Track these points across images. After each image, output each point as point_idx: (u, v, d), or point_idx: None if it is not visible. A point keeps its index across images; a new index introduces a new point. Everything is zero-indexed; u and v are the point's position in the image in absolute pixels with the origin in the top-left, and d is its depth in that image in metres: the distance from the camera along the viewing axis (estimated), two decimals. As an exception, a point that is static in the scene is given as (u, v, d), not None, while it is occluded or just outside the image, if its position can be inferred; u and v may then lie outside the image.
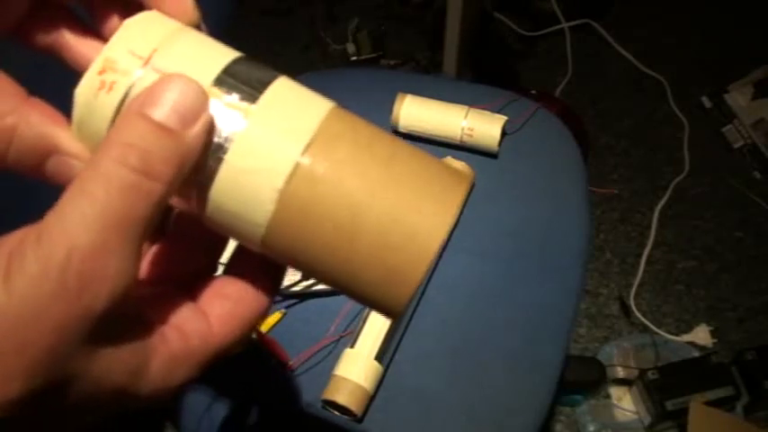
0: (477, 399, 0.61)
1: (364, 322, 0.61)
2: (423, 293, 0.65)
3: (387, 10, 1.60)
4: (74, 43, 0.29)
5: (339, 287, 0.25)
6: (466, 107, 0.72)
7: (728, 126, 1.42)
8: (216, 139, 0.23)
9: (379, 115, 0.75)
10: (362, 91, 0.81)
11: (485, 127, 0.71)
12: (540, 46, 1.56)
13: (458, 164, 0.68)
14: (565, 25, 1.50)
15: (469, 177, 0.25)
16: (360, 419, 0.59)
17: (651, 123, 1.45)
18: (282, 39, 1.59)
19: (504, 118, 0.72)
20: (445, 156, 0.70)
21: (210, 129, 0.22)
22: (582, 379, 1.06)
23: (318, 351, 0.62)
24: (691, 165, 1.37)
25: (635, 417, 1.08)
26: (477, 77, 1.38)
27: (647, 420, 1.06)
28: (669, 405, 1.02)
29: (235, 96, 0.23)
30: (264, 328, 0.63)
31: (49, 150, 0.24)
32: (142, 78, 0.23)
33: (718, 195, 1.34)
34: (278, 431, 0.62)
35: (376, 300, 0.25)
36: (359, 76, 0.86)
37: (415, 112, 0.73)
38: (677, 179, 1.35)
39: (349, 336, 0.62)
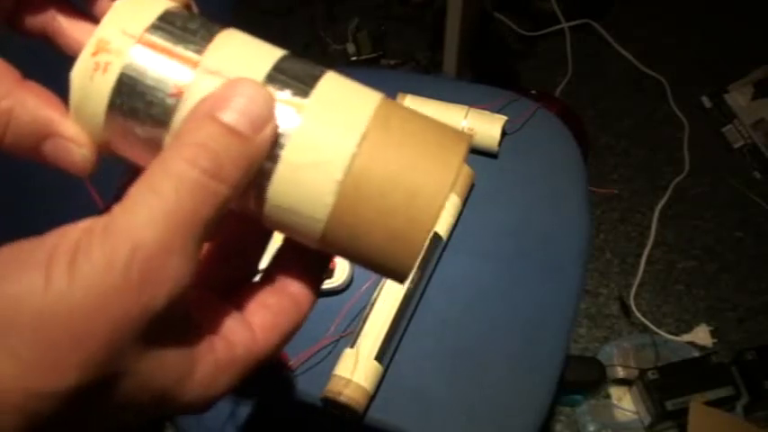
0: (477, 399, 0.61)
1: (364, 322, 0.61)
2: (423, 293, 0.65)
3: (387, 10, 1.60)
4: (66, 28, 0.28)
5: (345, 256, 0.25)
6: (466, 107, 0.72)
7: (728, 126, 1.42)
8: None
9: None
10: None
11: (485, 127, 0.71)
12: (540, 46, 1.56)
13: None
14: (565, 25, 1.50)
15: (467, 136, 0.25)
16: (360, 419, 0.59)
17: (651, 123, 1.45)
18: (282, 39, 1.57)
19: (504, 118, 0.72)
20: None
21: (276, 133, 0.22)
22: (582, 379, 1.06)
23: (318, 351, 0.62)
24: (691, 165, 1.37)
25: (635, 417, 1.08)
26: (477, 77, 1.38)
27: (647, 420, 1.06)
28: (669, 405, 1.02)
29: (287, 92, 0.23)
30: (264, 328, 0.63)
31: (45, 133, 0.24)
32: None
33: (718, 195, 1.34)
34: (278, 431, 0.62)
35: (382, 265, 0.24)
36: (359, 76, 0.86)
37: (415, 112, 0.73)
38: (677, 179, 1.35)
39: (349, 336, 0.62)
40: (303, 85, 0.23)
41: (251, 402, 0.62)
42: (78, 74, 0.23)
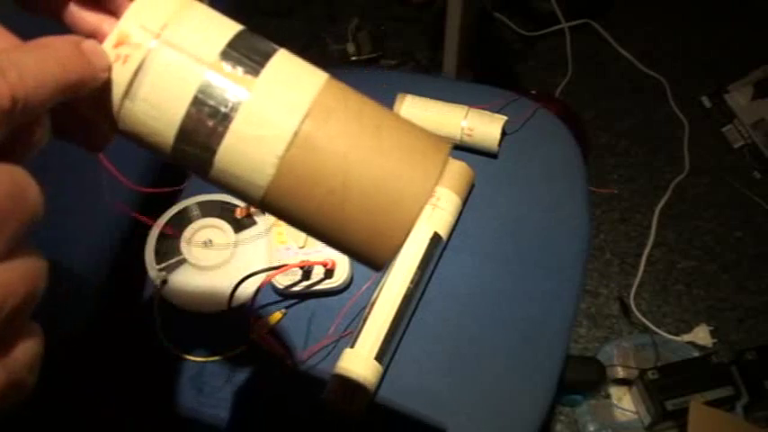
0: (477, 398, 0.61)
1: (364, 322, 0.61)
2: (423, 293, 0.65)
3: (387, 10, 1.60)
4: (77, 11, 0.29)
5: (329, 243, 0.27)
6: (466, 107, 0.72)
7: (728, 126, 1.42)
8: (222, 109, 0.25)
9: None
10: (362, 91, 0.81)
11: (485, 127, 0.71)
12: (540, 46, 1.56)
13: (458, 164, 0.68)
14: (565, 25, 1.50)
15: (448, 145, 0.28)
16: (360, 419, 0.59)
17: (651, 123, 1.45)
18: (282, 39, 1.57)
19: (504, 118, 0.72)
20: (445, 156, 0.70)
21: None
22: (582, 379, 1.06)
23: (318, 351, 0.62)
24: (691, 165, 1.37)
25: (635, 417, 1.08)
26: (477, 77, 1.38)
27: (647, 420, 1.06)
28: (669, 405, 1.02)
29: (239, 69, 0.25)
30: (264, 328, 0.63)
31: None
32: (154, 51, 0.25)
33: (719, 195, 1.34)
34: (278, 431, 0.62)
35: (362, 256, 0.27)
36: (359, 76, 0.86)
37: (415, 112, 0.73)
38: (677, 179, 1.35)
39: (349, 336, 0.62)
40: (254, 64, 0.26)
41: (251, 402, 0.62)
42: None
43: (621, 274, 1.26)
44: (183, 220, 0.68)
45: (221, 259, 0.65)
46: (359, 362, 0.58)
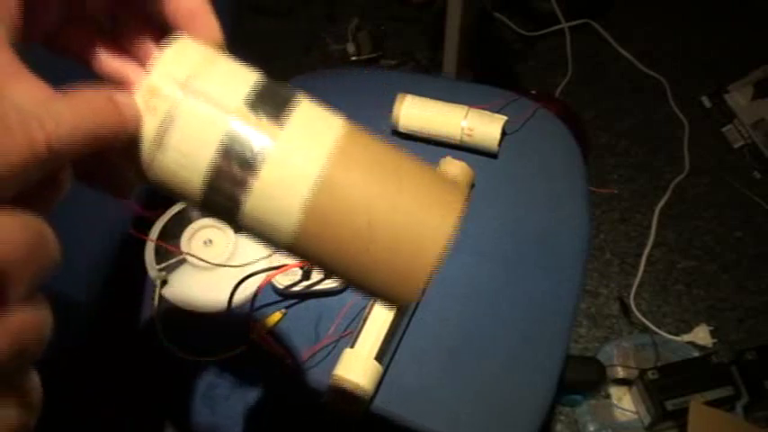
0: (477, 398, 0.61)
1: (364, 322, 0.61)
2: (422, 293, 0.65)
3: (387, 10, 1.60)
4: (100, 54, 0.31)
5: (354, 286, 0.28)
6: (466, 107, 0.72)
7: (728, 126, 1.42)
8: (249, 157, 0.26)
9: (379, 115, 0.75)
10: (362, 91, 0.81)
11: (485, 127, 0.71)
12: (540, 46, 1.56)
13: (458, 164, 0.68)
14: (565, 25, 1.50)
15: (464, 187, 0.29)
16: (360, 419, 0.59)
17: (651, 123, 1.45)
18: (282, 39, 1.59)
19: (504, 118, 0.72)
20: (445, 156, 0.70)
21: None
22: (582, 379, 1.06)
23: (318, 351, 0.62)
24: (691, 165, 1.37)
25: (635, 417, 1.08)
26: (477, 77, 1.38)
27: (647, 420, 1.06)
28: (669, 405, 1.02)
29: (264, 118, 0.26)
30: (264, 328, 0.63)
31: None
32: (182, 101, 0.26)
33: (719, 195, 1.34)
34: (278, 431, 0.62)
35: (384, 297, 0.28)
36: (359, 76, 0.86)
37: (415, 112, 0.73)
38: (677, 179, 1.35)
39: (349, 336, 0.62)
40: (278, 111, 0.27)
41: (251, 402, 0.62)
42: None
43: (621, 274, 1.26)
44: (183, 220, 0.68)
45: (221, 259, 0.65)
46: (359, 362, 0.58)
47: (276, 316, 0.64)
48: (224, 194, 0.26)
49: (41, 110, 0.21)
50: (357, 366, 0.58)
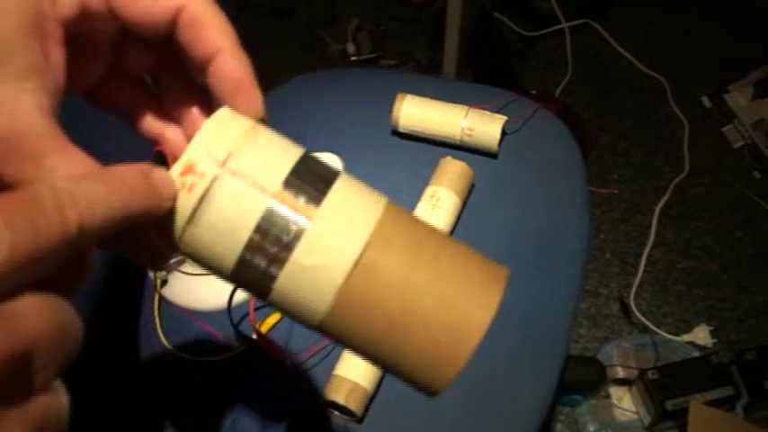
0: (477, 398, 0.61)
1: (364, 322, 0.61)
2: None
3: (387, 10, 1.60)
4: (141, 114, 0.31)
5: (385, 370, 0.28)
6: (466, 107, 0.72)
7: (728, 126, 1.42)
8: (284, 238, 0.25)
9: (379, 115, 0.75)
10: (362, 91, 0.81)
11: (485, 127, 0.71)
12: (540, 46, 1.56)
13: (458, 164, 0.68)
14: (565, 25, 1.50)
15: (506, 273, 0.28)
16: (360, 419, 0.59)
17: (651, 123, 1.45)
18: (282, 39, 1.59)
19: (504, 118, 0.72)
20: (445, 156, 0.70)
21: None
22: (582, 379, 1.06)
23: (318, 351, 0.62)
24: (691, 165, 1.37)
25: (635, 417, 1.08)
26: (477, 77, 1.38)
27: (647, 420, 1.06)
28: (669, 405, 1.02)
29: (301, 198, 0.26)
30: (264, 328, 0.63)
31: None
32: (219, 180, 0.25)
33: (719, 195, 1.34)
34: (278, 431, 0.62)
35: (417, 384, 0.28)
36: (359, 76, 0.86)
37: (415, 112, 0.73)
38: (677, 179, 1.35)
39: (349, 336, 0.62)
40: (316, 192, 0.26)
41: (251, 402, 0.62)
42: None
43: (621, 274, 1.26)
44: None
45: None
46: (359, 362, 0.58)
47: (276, 316, 0.64)
48: (255, 273, 0.26)
49: (76, 188, 0.21)
50: (357, 366, 0.58)
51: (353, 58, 1.53)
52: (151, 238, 0.26)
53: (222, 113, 0.27)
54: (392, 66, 1.53)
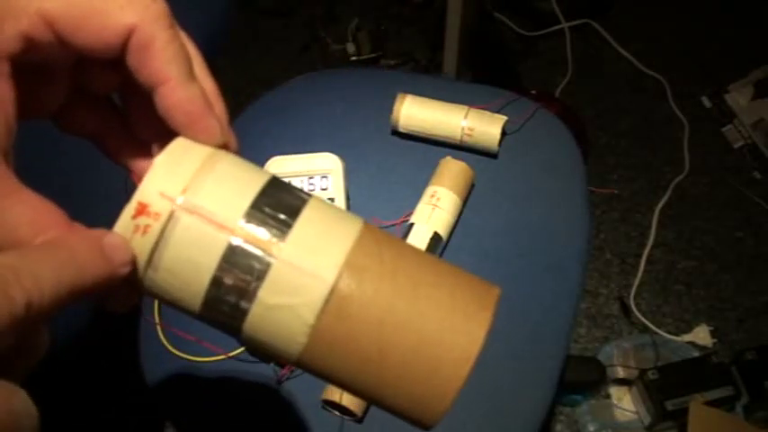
0: (477, 398, 0.61)
1: (364, 322, 0.61)
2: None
3: (387, 10, 1.60)
4: (110, 137, 0.29)
5: (371, 404, 0.26)
6: (466, 107, 0.72)
7: (728, 126, 1.42)
8: (248, 278, 0.23)
9: (379, 115, 0.75)
10: (362, 91, 0.81)
11: (485, 127, 0.71)
12: (540, 46, 1.56)
13: (458, 164, 0.68)
14: (565, 25, 1.50)
15: (495, 295, 0.26)
16: (360, 419, 0.59)
17: (651, 123, 1.45)
18: (282, 39, 1.59)
19: (504, 118, 0.72)
20: (445, 156, 0.70)
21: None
22: (582, 379, 1.06)
23: (318, 351, 0.62)
24: (691, 165, 1.37)
25: (635, 417, 1.08)
26: (477, 77, 1.38)
27: (647, 420, 1.06)
28: (669, 405, 1.02)
29: (264, 233, 0.24)
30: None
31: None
32: (174, 220, 0.23)
33: (719, 195, 1.34)
34: (278, 431, 0.62)
35: (406, 419, 0.26)
36: (359, 76, 0.86)
37: (415, 112, 0.73)
38: (677, 179, 1.35)
39: (349, 336, 0.62)
40: (281, 225, 0.24)
41: (251, 402, 0.62)
42: (119, 233, 0.24)
43: (621, 274, 1.26)
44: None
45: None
46: (359, 362, 0.58)
47: (276, 316, 0.64)
48: (222, 316, 0.24)
49: (21, 264, 0.19)
50: (357, 366, 0.58)
51: (353, 58, 1.53)
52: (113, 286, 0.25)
53: (175, 145, 0.25)
54: (392, 66, 1.53)
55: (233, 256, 0.23)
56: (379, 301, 0.24)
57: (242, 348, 0.62)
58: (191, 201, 0.24)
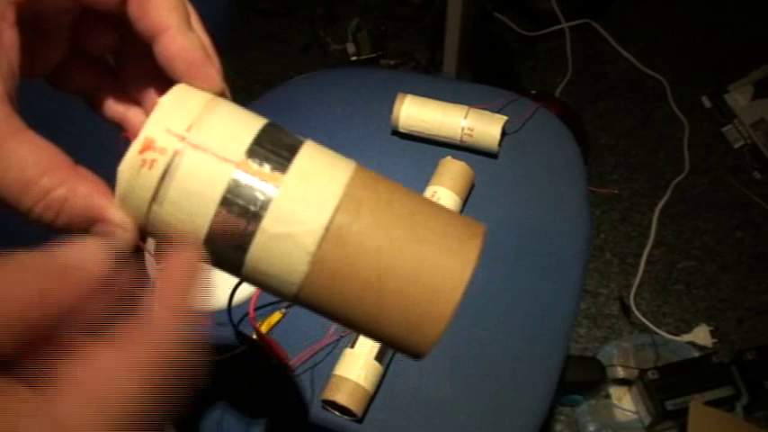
0: (478, 399, 0.61)
1: (364, 322, 0.61)
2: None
3: (387, 10, 1.60)
4: (102, 96, 0.30)
5: (365, 335, 0.27)
6: (466, 107, 0.72)
7: (728, 126, 1.42)
8: (252, 208, 0.25)
9: (379, 115, 0.75)
10: (362, 91, 0.81)
11: (485, 127, 0.71)
12: (540, 46, 1.56)
13: (458, 164, 0.68)
14: (565, 25, 1.50)
15: (483, 228, 0.27)
16: (360, 419, 0.59)
17: (651, 123, 1.45)
18: (282, 39, 1.59)
19: (504, 118, 0.72)
20: (445, 156, 0.70)
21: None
22: (582, 379, 1.06)
23: (318, 351, 0.62)
24: (691, 165, 1.37)
25: (635, 417, 1.08)
26: (477, 77, 1.38)
27: (647, 420, 1.06)
28: (669, 405, 1.02)
29: (266, 167, 0.25)
30: (264, 328, 0.63)
31: (95, 220, 0.25)
32: (180, 154, 0.24)
33: (719, 195, 1.34)
34: (278, 431, 0.62)
35: (401, 347, 0.27)
36: (359, 76, 0.86)
37: (415, 112, 0.73)
38: (677, 179, 1.35)
39: (349, 336, 0.62)
40: (281, 159, 0.25)
41: (251, 402, 0.62)
42: (125, 169, 0.25)
43: (621, 274, 1.26)
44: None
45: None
46: (359, 362, 0.58)
47: (276, 316, 0.64)
48: (226, 248, 0.25)
49: None
50: (357, 366, 0.58)
51: (353, 58, 1.53)
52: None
53: (178, 89, 0.26)
54: (392, 66, 1.53)
55: (237, 188, 0.25)
56: (378, 229, 0.25)
57: (242, 348, 0.62)
58: (196, 137, 0.25)
